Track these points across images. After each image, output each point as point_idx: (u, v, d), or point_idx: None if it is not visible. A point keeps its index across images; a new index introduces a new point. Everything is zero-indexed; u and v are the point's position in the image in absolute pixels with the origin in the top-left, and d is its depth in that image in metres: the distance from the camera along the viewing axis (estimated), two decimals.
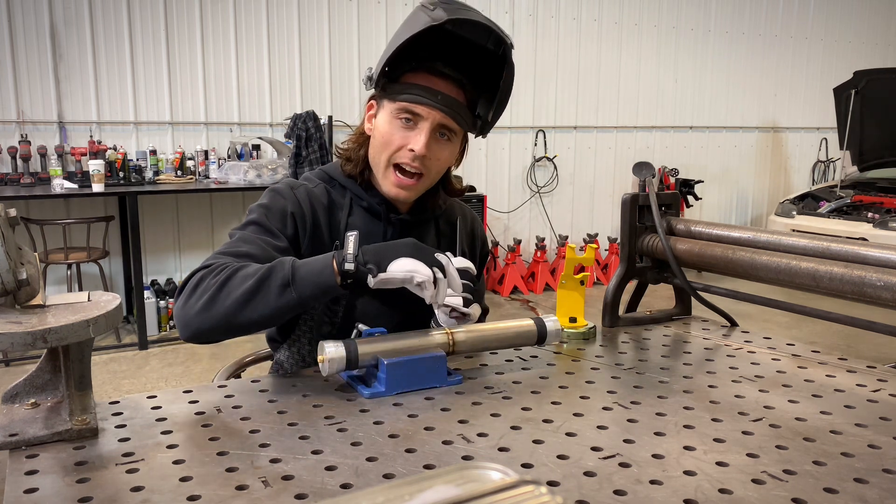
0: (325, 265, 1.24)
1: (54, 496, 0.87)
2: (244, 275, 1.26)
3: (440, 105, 1.39)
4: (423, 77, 1.41)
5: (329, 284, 1.23)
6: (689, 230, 1.70)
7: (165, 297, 5.39)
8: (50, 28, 5.16)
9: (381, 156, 1.46)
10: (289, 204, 1.48)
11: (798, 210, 6.90)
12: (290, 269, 1.24)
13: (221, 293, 1.24)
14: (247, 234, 1.42)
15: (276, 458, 0.96)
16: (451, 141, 1.46)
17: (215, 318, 1.25)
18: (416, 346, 1.25)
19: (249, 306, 1.23)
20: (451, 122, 1.42)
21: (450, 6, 1.33)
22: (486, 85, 1.46)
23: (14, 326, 0.94)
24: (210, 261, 1.33)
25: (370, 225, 1.53)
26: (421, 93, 1.39)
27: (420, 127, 1.41)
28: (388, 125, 1.44)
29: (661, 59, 7.63)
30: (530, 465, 0.96)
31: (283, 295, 1.23)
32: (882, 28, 9.08)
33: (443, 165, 1.49)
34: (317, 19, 5.97)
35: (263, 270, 1.25)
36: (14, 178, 4.96)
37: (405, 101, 1.41)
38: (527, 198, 7.17)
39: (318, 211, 1.51)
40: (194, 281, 1.29)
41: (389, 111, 1.44)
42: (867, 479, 0.93)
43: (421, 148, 1.41)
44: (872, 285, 1.29)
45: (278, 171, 5.34)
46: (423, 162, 1.43)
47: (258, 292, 1.23)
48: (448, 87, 1.41)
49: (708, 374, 1.34)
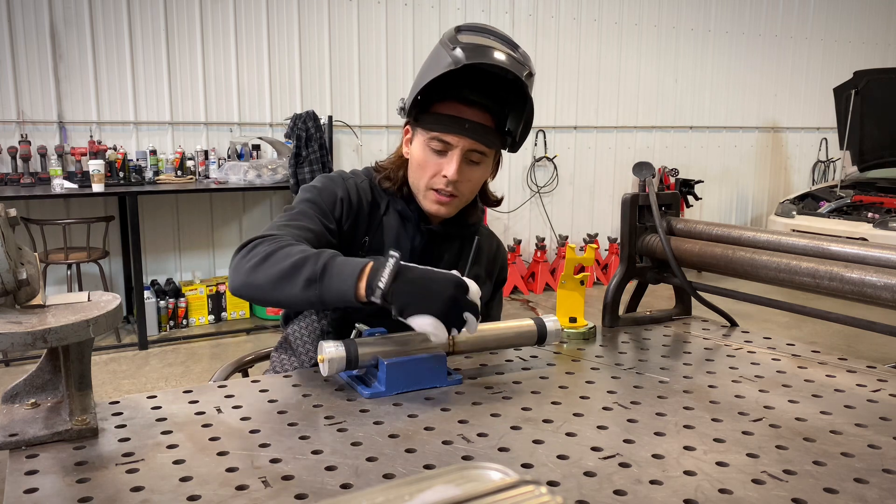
0: (354, 276, 1.21)
1: (54, 496, 0.87)
2: (286, 253, 1.29)
3: (468, 133, 1.48)
4: (451, 106, 1.49)
5: (350, 297, 1.21)
6: (689, 230, 1.70)
7: (165, 297, 5.39)
8: (50, 28, 5.15)
9: (420, 182, 1.55)
10: (339, 189, 1.56)
11: (798, 210, 6.90)
12: (321, 267, 1.24)
13: (265, 265, 1.29)
14: (305, 207, 1.49)
15: (276, 458, 0.96)
16: (481, 163, 1.54)
17: (253, 287, 1.31)
18: (416, 346, 1.25)
19: (279, 287, 1.27)
20: (479, 146, 1.50)
21: (468, 47, 1.41)
22: (513, 102, 1.53)
23: (14, 326, 0.94)
24: (269, 231, 1.39)
25: (401, 229, 1.61)
26: (449, 122, 1.48)
27: (451, 154, 1.50)
28: (423, 153, 1.53)
29: (661, 59, 7.63)
30: (530, 465, 0.96)
31: (309, 289, 1.24)
32: (882, 28, 9.08)
33: (476, 185, 1.58)
34: (317, 19, 5.97)
35: (301, 257, 1.26)
36: (14, 178, 4.96)
37: (436, 132, 1.49)
38: (527, 198, 7.17)
39: (364, 202, 1.59)
40: (251, 245, 1.35)
41: (422, 140, 1.53)
42: (867, 479, 0.93)
43: (453, 174, 1.49)
44: (872, 285, 1.29)
45: (278, 171, 5.34)
46: (456, 186, 1.52)
47: (290, 277, 1.25)
48: (475, 113, 1.49)
49: (708, 374, 1.34)
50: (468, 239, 1.68)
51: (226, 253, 5.84)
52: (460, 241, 1.69)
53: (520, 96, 1.51)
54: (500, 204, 1.73)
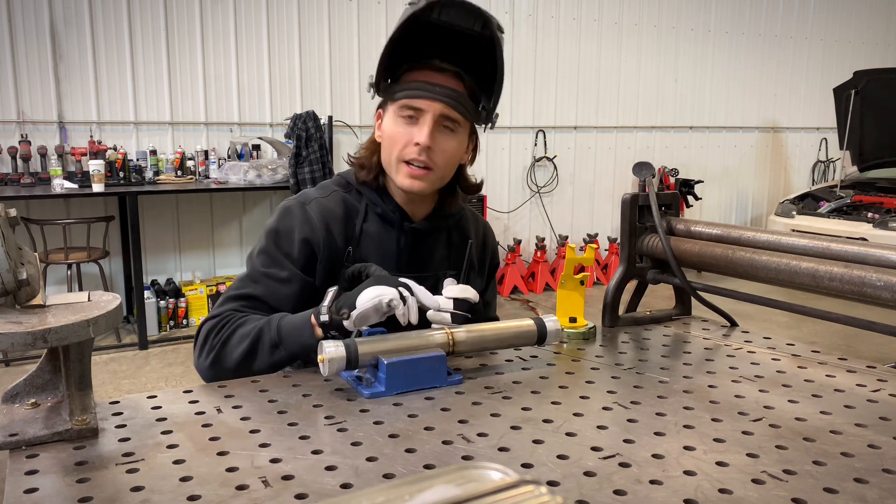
0: (305, 322, 1.35)
1: (54, 496, 0.87)
2: (241, 335, 1.39)
3: (439, 96, 1.43)
4: (422, 73, 1.45)
5: (310, 343, 1.32)
6: (689, 230, 1.69)
7: (165, 297, 5.39)
8: (50, 28, 5.15)
9: (392, 155, 1.49)
10: (297, 226, 1.51)
11: (798, 210, 6.90)
12: (275, 331, 1.37)
13: (224, 352, 1.40)
14: (255, 271, 1.51)
15: (276, 458, 0.96)
16: (455, 132, 1.48)
17: (225, 373, 1.38)
18: (416, 346, 1.25)
19: (249, 364, 1.38)
20: (452, 112, 1.45)
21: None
22: (487, 77, 1.49)
23: (14, 326, 0.94)
24: (218, 309, 1.47)
25: (384, 232, 1.57)
26: (420, 87, 1.43)
27: (423, 120, 1.44)
28: (394, 124, 1.48)
29: (661, 59, 7.63)
30: (530, 465, 0.96)
31: (275, 353, 1.37)
32: (882, 28, 9.08)
33: (451, 158, 1.51)
34: (317, 19, 5.97)
35: (255, 332, 1.38)
36: (14, 178, 4.96)
37: (405, 98, 1.44)
38: (527, 198, 7.17)
39: (332, 223, 1.53)
40: (203, 335, 1.44)
41: (393, 111, 1.48)
42: (867, 479, 0.93)
43: (425, 139, 1.43)
44: (872, 285, 1.29)
45: (278, 171, 5.34)
46: (430, 155, 1.46)
47: (254, 353, 1.38)
48: (447, 79, 1.45)
49: (708, 374, 1.34)
50: (455, 229, 1.65)
51: (226, 253, 5.84)
52: (447, 232, 1.65)
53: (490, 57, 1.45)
54: (479, 190, 1.67)
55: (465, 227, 1.69)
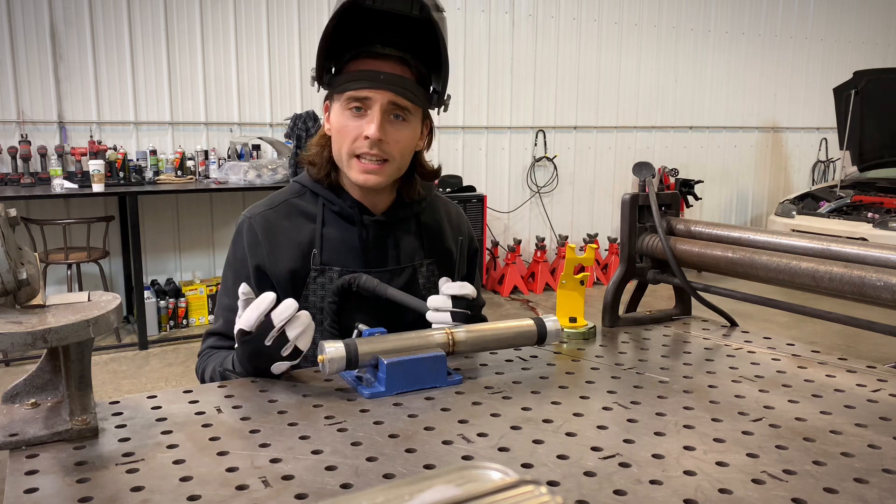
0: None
1: (54, 496, 0.87)
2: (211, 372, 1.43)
3: (385, 84, 1.36)
4: (365, 62, 1.39)
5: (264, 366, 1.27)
6: (689, 230, 1.69)
7: (165, 297, 5.39)
8: (50, 28, 5.16)
9: (342, 150, 1.44)
10: (249, 251, 1.52)
11: (798, 210, 6.90)
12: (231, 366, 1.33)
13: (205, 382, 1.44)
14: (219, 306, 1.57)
15: (276, 458, 0.96)
16: (407, 121, 1.42)
17: None
18: (416, 346, 1.25)
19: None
20: (400, 100, 1.39)
21: None
22: (435, 60, 1.43)
23: (14, 326, 0.94)
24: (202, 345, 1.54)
25: (344, 232, 1.52)
26: (364, 76, 1.37)
27: (371, 112, 1.39)
28: (341, 117, 1.42)
29: (661, 59, 7.64)
30: (530, 465, 0.95)
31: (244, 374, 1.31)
32: (882, 28, 9.08)
33: (405, 148, 1.45)
34: (317, 19, 5.97)
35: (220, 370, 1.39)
36: (14, 178, 4.96)
37: (350, 90, 1.39)
38: (527, 198, 7.18)
39: (279, 235, 1.51)
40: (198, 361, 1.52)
41: (339, 104, 1.42)
42: (867, 479, 0.93)
43: (375, 132, 1.37)
44: (872, 285, 1.29)
45: (278, 171, 5.34)
46: (382, 147, 1.40)
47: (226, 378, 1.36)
48: (391, 66, 1.38)
49: (708, 374, 1.34)
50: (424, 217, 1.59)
51: (226, 253, 5.83)
52: (415, 222, 1.58)
53: (433, 42, 1.39)
54: (438, 176, 1.60)
55: (436, 214, 1.63)
